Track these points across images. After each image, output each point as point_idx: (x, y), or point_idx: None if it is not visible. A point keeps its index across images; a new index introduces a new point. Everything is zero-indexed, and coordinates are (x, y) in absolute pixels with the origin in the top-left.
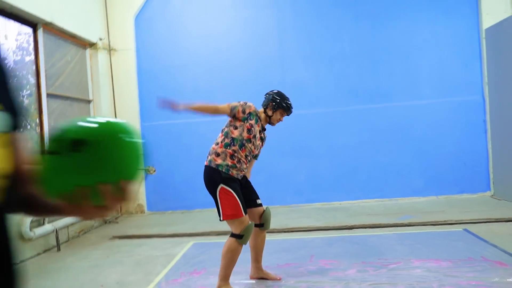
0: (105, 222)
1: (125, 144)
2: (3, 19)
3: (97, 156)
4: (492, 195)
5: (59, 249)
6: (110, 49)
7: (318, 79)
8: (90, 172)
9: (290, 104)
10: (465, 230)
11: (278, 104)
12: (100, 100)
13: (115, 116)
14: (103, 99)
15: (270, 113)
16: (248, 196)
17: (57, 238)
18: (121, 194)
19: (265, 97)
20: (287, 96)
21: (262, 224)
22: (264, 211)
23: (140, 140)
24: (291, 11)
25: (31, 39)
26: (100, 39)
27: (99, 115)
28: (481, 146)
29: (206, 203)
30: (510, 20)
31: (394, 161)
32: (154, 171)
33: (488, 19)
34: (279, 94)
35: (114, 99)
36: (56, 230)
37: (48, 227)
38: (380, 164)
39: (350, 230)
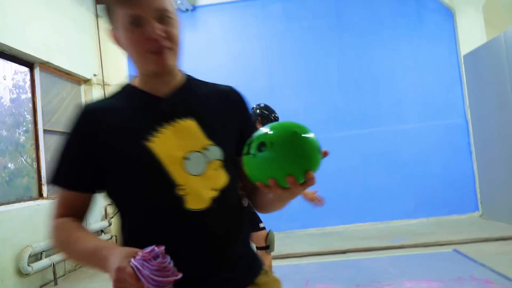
0: None
1: (299, 141)
2: (2, 61)
3: (274, 154)
4: (481, 215)
5: (56, 283)
6: (104, 84)
7: (308, 108)
8: (272, 166)
9: (277, 117)
10: (455, 250)
11: (267, 118)
12: None
13: None
14: None
15: (259, 127)
16: (251, 220)
17: (54, 272)
18: (304, 182)
19: (251, 112)
20: (273, 109)
21: (268, 246)
22: (268, 233)
23: (312, 135)
24: (279, 43)
25: (27, 77)
26: (94, 75)
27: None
28: (467, 167)
29: None
30: (485, 47)
31: (385, 184)
32: None
33: (466, 46)
34: (266, 108)
35: None
36: (53, 264)
37: (45, 261)
38: (371, 188)
39: (344, 254)
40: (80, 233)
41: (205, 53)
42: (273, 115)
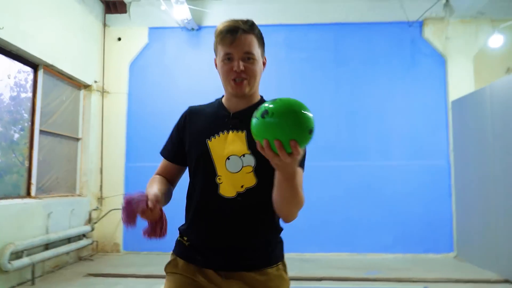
0: (80, 259)
1: (292, 118)
2: (8, 60)
3: (269, 123)
4: (455, 256)
5: (33, 283)
6: (103, 92)
7: None
8: (265, 131)
9: None
10: None
11: None
12: (89, 139)
13: (101, 154)
14: (91, 138)
15: None
16: None
17: (33, 272)
18: (291, 153)
19: None
20: None
21: None
22: None
23: (308, 116)
24: (277, 70)
25: (30, 77)
26: (95, 82)
27: (282, 97)
28: (446, 209)
29: None
30: (472, 96)
31: (365, 217)
32: None
33: (454, 93)
34: None
35: (102, 138)
36: (33, 264)
37: (25, 260)
38: (352, 219)
39: (319, 282)
40: (154, 182)
41: (206, 71)
42: None
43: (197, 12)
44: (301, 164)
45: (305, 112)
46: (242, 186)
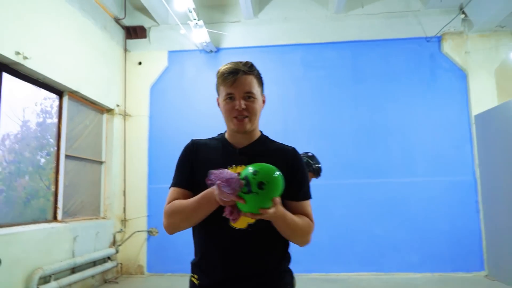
0: (105, 282)
1: (279, 178)
2: (35, 88)
3: (269, 189)
4: (486, 275)
5: None
6: (125, 115)
7: (319, 153)
8: (269, 196)
9: (319, 167)
10: None
11: (308, 166)
12: (111, 161)
13: (124, 177)
14: (114, 161)
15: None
16: None
17: None
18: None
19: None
20: (318, 159)
21: None
22: None
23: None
24: (295, 89)
25: (55, 104)
26: (117, 106)
27: (259, 164)
28: (474, 226)
29: None
30: (495, 110)
31: (390, 235)
32: (157, 232)
33: (477, 107)
34: (312, 157)
35: (125, 161)
36: None
37: (53, 284)
38: (376, 238)
39: None
40: (184, 200)
41: None
42: (315, 166)
43: (216, 34)
44: (307, 196)
45: (273, 171)
46: (253, 218)
